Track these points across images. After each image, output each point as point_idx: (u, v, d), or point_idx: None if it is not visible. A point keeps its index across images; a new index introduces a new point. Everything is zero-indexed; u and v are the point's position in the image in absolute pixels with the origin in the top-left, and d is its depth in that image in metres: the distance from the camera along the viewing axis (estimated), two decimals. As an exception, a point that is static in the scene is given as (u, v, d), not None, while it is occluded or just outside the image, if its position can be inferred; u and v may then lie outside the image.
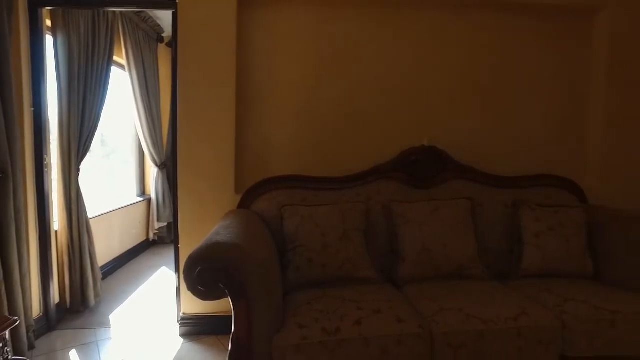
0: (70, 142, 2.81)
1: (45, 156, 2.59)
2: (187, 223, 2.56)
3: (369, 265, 2.07)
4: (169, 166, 4.86)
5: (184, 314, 2.62)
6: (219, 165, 2.56)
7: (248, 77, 2.66)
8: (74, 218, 2.86)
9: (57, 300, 2.80)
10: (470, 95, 2.80)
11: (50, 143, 2.69)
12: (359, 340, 1.56)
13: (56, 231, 2.83)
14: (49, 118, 2.64)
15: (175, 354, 2.40)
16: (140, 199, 4.85)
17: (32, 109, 2.50)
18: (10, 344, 1.73)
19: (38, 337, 2.52)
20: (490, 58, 2.81)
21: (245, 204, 2.45)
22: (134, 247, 4.59)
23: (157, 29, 4.73)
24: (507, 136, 2.85)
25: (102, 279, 3.27)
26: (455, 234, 2.15)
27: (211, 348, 2.46)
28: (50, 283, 2.65)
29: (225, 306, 1.74)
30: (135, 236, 4.66)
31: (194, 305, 2.60)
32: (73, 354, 2.40)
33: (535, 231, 2.23)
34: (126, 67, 4.13)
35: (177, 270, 2.71)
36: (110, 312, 3.00)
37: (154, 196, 4.87)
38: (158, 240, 5.09)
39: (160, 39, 4.88)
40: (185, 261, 1.52)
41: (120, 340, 2.57)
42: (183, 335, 2.60)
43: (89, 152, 3.01)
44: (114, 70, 4.11)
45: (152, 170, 4.85)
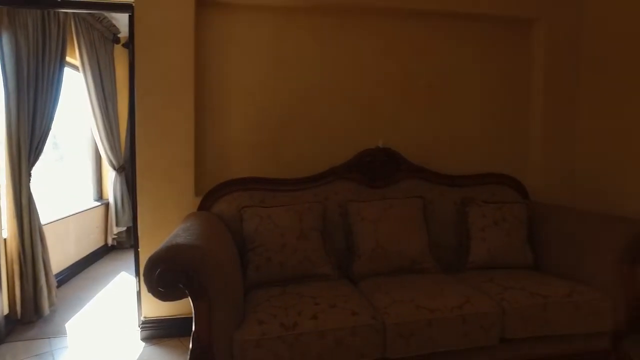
0: (20, 146, 2.72)
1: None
2: (147, 226, 2.55)
3: (325, 263, 2.16)
4: (128, 169, 4.77)
5: (144, 317, 2.61)
6: (178, 168, 2.57)
7: (207, 81, 2.69)
8: (25, 225, 2.77)
9: (6, 311, 2.69)
10: (422, 99, 2.96)
11: (-3, 148, 2.61)
12: (315, 334, 1.64)
13: (5, 239, 2.74)
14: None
15: (136, 358, 2.39)
16: (97, 204, 4.73)
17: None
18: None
19: (-17, 352, 2.42)
20: (438, 64, 2.98)
21: (205, 206, 2.48)
22: (92, 253, 4.48)
23: (113, 30, 4.63)
24: (456, 137, 3.03)
25: (58, 286, 3.19)
26: (408, 230, 2.28)
27: (173, 350, 2.47)
28: (-1, 293, 2.56)
29: (186, 308, 1.78)
30: (92, 242, 4.54)
31: (155, 308, 2.59)
32: (25, 366, 2.34)
33: (481, 226, 2.40)
34: (80, 68, 4.03)
35: (137, 274, 2.69)
36: (66, 321, 2.92)
37: (112, 200, 4.76)
38: (117, 245, 4.98)
39: (116, 40, 4.78)
40: (145, 263, 1.54)
41: (77, 349, 2.52)
42: (144, 339, 2.60)
43: (42, 156, 2.93)
44: (68, 71, 4.02)
45: (110, 174, 4.74)
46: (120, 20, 4.45)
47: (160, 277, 1.50)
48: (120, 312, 3.07)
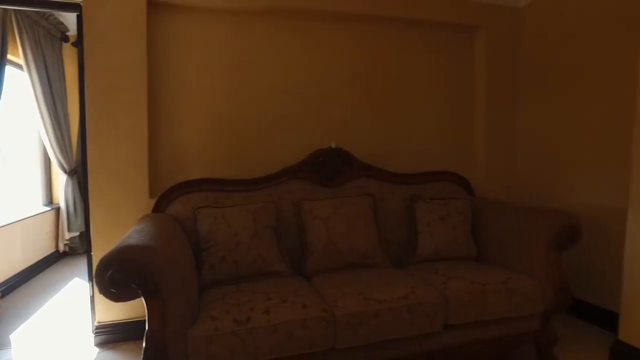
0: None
1: None
2: (100, 230, 2.51)
3: (279, 260, 2.23)
4: (80, 173, 4.62)
5: (98, 322, 2.57)
6: (132, 170, 2.55)
7: (161, 82, 2.68)
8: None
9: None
10: (373, 101, 3.08)
11: None
12: (267, 328, 1.70)
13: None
14: None
15: (90, 364, 2.36)
16: (47, 209, 4.55)
17: None
18: None
19: None
20: (389, 67, 3.12)
21: (160, 207, 2.48)
22: (41, 260, 4.31)
23: (61, 28, 4.47)
24: (406, 137, 3.18)
25: (2, 296, 3.06)
26: (358, 227, 2.38)
27: (129, 354, 2.45)
28: None
29: (142, 310, 1.79)
30: (42, 248, 4.37)
31: (110, 312, 2.56)
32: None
33: (428, 221, 2.54)
34: (24, 67, 3.88)
35: (91, 279, 2.65)
36: (11, 332, 2.80)
37: (63, 205, 4.60)
38: (70, 252, 4.82)
39: (64, 38, 4.61)
40: (96, 265, 1.55)
41: None
42: (99, 344, 2.56)
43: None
44: (10, 70, 3.85)
45: (61, 178, 4.58)
46: (69, 18, 4.31)
47: (112, 278, 1.51)
48: (72, 319, 2.99)
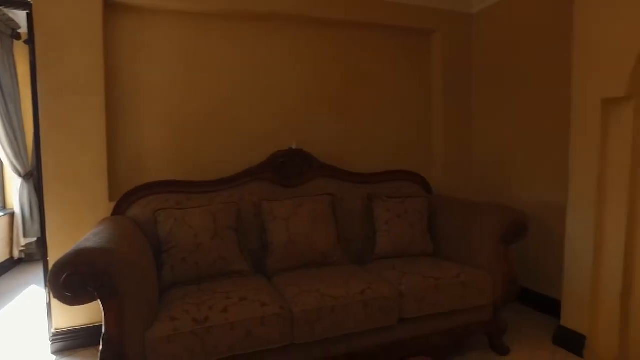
0: None
1: None
2: (57, 236, 2.46)
3: (240, 260, 2.26)
4: (37, 176, 4.47)
5: (56, 329, 2.52)
6: (90, 173, 2.52)
7: (119, 84, 2.66)
8: None
9: None
10: (334, 102, 3.16)
11: None
12: (226, 326, 1.74)
13: None
14: None
15: (46, 372, 2.32)
16: (0, 214, 4.38)
17: None
18: None
19: None
20: (349, 69, 3.20)
21: (119, 210, 2.46)
22: (-6, 268, 4.15)
23: (11, 24, 4.28)
24: (366, 138, 3.27)
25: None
26: (318, 226, 2.44)
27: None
28: None
29: (101, 315, 1.78)
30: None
31: (67, 318, 2.52)
32: None
33: (385, 219, 2.64)
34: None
35: (47, 285, 2.59)
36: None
37: (18, 210, 4.43)
38: (26, 258, 4.65)
39: (15, 35, 4.42)
40: (50, 268, 1.54)
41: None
42: (56, 352, 2.51)
43: None
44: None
45: (16, 181, 4.41)
46: (19, 14, 4.15)
47: (67, 282, 1.50)
48: (28, 327, 2.90)
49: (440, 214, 2.79)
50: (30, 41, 2.48)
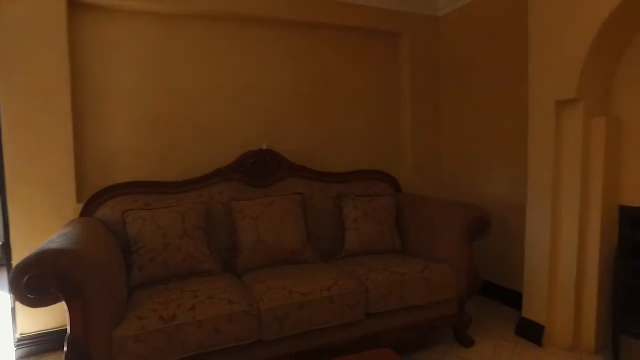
0: None
1: None
2: (22, 239, 2.41)
3: (209, 259, 2.28)
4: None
5: (21, 334, 2.47)
6: (56, 174, 2.48)
7: (87, 84, 2.63)
8: None
9: None
10: (304, 103, 3.21)
11: None
12: (193, 324, 1.76)
13: None
14: None
15: (11, 378, 2.27)
16: (-38, 217, 4.23)
17: None
18: None
19: None
20: (319, 70, 3.26)
21: (87, 212, 2.43)
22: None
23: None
24: (336, 138, 3.34)
25: None
26: (287, 225, 2.48)
27: (54, 363, 2.39)
28: None
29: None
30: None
31: (33, 323, 2.47)
32: None
33: (354, 217, 2.70)
34: None
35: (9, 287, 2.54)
36: None
37: (-20, 212, 4.30)
38: (-11, 263, 4.51)
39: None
40: (12, 271, 1.53)
41: None
42: (21, 357, 2.46)
43: None
44: None
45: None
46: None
47: (29, 284, 1.49)
48: (-9, 333, 2.84)
49: (408, 211, 2.87)
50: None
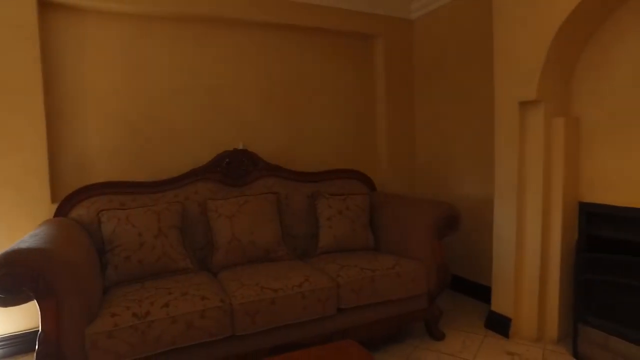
0: None
1: None
2: (-6, 240, 2.43)
3: (184, 257, 2.32)
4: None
5: (-5, 335, 2.48)
6: (29, 174, 2.48)
7: (60, 84, 2.64)
8: None
9: None
10: (278, 105, 3.27)
11: None
12: (166, 320, 1.80)
13: None
14: None
15: (-16, 380, 2.27)
16: None
17: None
18: None
19: None
20: (294, 72, 3.31)
21: (62, 212, 2.45)
22: None
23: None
24: (312, 138, 3.40)
25: None
26: (261, 223, 2.54)
27: (29, 364, 2.39)
28: None
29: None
30: None
31: (5, 325, 2.47)
32: None
33: (328, 216, 2.76)
34: None
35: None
36: None
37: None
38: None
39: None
40: (-18, 271, 1.54)
41: None
42: (-5, 359, 2.46)
43: None
44: None
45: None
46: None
47: (1, 283, 1.52)
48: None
49: (381, 209, 2.95)
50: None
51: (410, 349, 2.52)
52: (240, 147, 2.91)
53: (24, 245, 1.65)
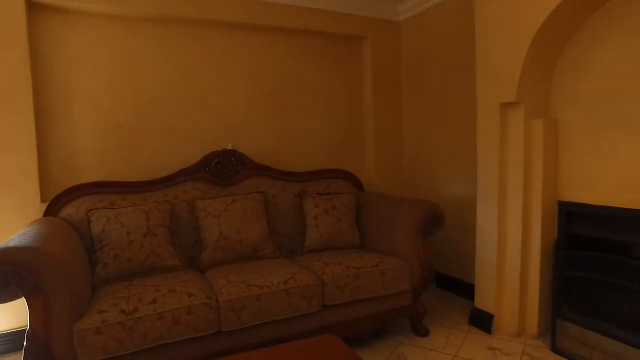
0: None
1: None
2: (-17, 239, 2.45)
3: (173, 256, 2.37)
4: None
5: (-16, 334, 2.50)
6: (19, 174, 2.51)
7: (50, 85, 2.67)
8: None
9: None
10: (267, 106, 3.31)
11: None
12: (154, 316, 1.85)
13: None
14: None
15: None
16: None
17: None
18: None
19: None
20: (283, 73, 3.36)
21: (52, 212, 2.48)
22: None
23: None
24: (300, 139, 3.45)
25: None
26: (249, 222, 2.59)
27: (19, 362, 2.41)
28: None
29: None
30: None
31: (-2, 322, 2.51)
32: None
33: (315, 215, 2.82)
34: None
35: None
36: None
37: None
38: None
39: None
40: (-30, 269, 1.57)
41: None
42: (-15, 356, 2.49)
43: None
44: None
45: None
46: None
47: (-12, 281, 1.55)
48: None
49: (368, 209, 3.01)
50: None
51: (395, 345, 2.58)
52: (229, 148, 2.96)
53: (12, 244, 1.68)
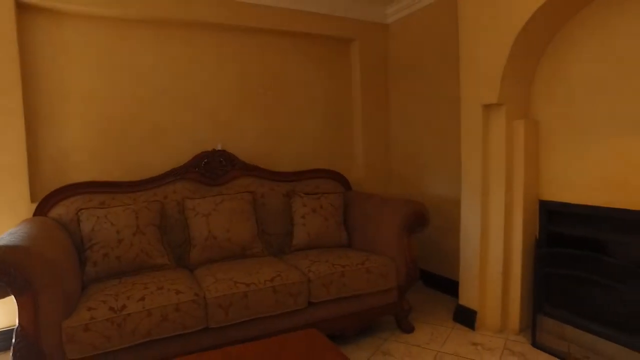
0: None
1: None
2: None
3: (162, 254, 2.41)
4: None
5: (-26, 332, 2.52)
6: (8, 174, 2.53)
7: (40, 85, 2.68)
8: None
9: None
10: (256, 106, 3.36)
11: None
12: (142, 313, 1.89)
13: None
14: None
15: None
16: None
17: None
18: None
19: None
20: (271, 74, 3.41)
21: (41, 211, 2.50)
22: None
23: None
24: (290, 139, 3.50)
25: None
26: (237, 221, 2.63)
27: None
28: None
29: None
30: None
31: (-12, 321, 2.53)
32: None
33: (302, 214, 2.87)
34: None
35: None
36: None
37: None
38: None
39: None
40: (-42, 267, 1.60)
41: None
42: (-26, 355, 2.51)
43: None
44: None
45: None
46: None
47: (-24, 279, 1.59)
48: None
49: (355, 208, 3.06)
50: None
51: (380, 341, 2.63)
52: (218, 148, 3.00)
53: (2, 242, 1.72)
